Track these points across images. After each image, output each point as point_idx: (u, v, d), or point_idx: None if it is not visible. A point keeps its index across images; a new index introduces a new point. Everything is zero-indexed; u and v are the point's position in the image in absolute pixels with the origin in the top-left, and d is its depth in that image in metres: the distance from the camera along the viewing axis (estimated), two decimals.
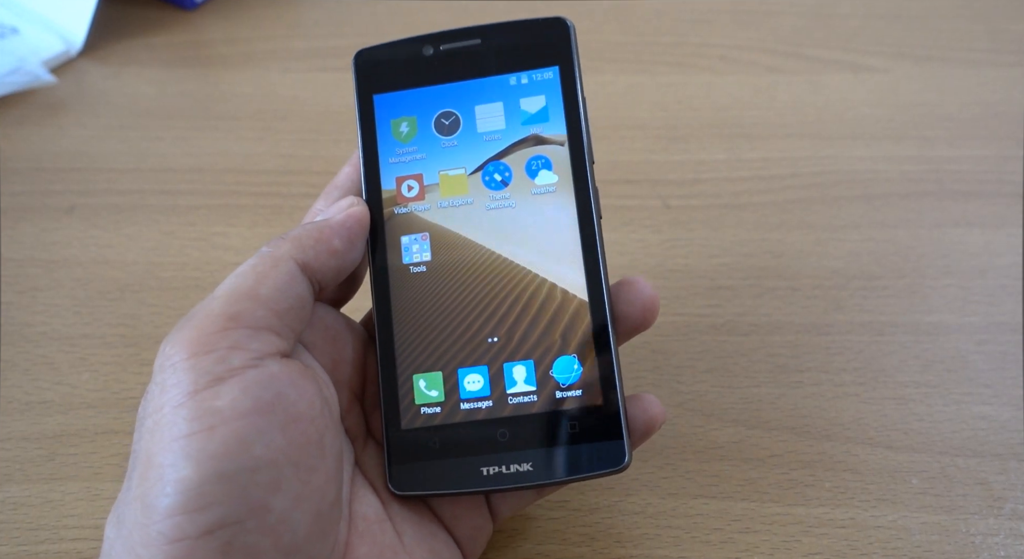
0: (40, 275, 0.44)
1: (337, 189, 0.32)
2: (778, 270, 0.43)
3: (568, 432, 0.29)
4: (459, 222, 0.32)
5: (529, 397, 0.30)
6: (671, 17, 0.57)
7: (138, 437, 0.25)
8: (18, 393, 0.39)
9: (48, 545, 0.34)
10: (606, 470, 0.29)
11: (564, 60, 0.32)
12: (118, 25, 0.57)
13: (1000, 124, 0.49)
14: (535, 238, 0.31)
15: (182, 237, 0.45)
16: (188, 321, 0.26)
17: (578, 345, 0.30)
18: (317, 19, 0.58)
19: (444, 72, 0.32)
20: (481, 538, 0.31)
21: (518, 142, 0.32)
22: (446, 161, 0.32)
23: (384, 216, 0.32)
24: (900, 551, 0.33)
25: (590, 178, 0.31)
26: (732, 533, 0.34)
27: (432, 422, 0.30)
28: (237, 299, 0.26)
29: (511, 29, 0.33)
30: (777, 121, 0.50)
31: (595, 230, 0.31)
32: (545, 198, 0.31)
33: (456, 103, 0.32)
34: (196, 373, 0.24)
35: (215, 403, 0.24)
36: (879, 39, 0.55)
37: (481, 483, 0.29)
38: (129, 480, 0.25)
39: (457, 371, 0.30)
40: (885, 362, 0.39)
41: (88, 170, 0.49)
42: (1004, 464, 0.36)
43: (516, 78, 0.32)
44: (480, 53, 0.33)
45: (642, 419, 0.30)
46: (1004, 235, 0.44)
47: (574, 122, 0.32)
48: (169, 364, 0.25)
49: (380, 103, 0.33)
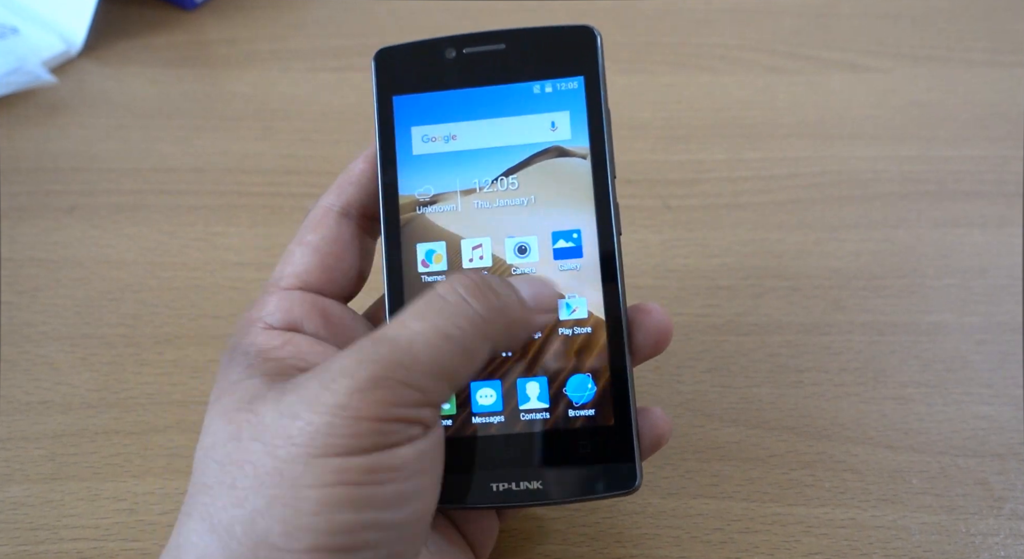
0: (40, 275, 0.44)
1: (351, 185, 0.31)
2: (778, 270, 0.43)
3: (579, 452, 0.29)
4: (477, 231, 0.31)
5: (541, 414, 0.29)
6: (671, 17, 0.57)
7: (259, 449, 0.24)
8: (18, 393, 0.39)
9: (48, 545, 0.34)
10: (616, 492, 0.29)
11: (590, 70, 0.31)
12: (118, 25, 0.57)
13: (1000, 124, 0.49)
14: (553, 252, 0.30)
15: (182, 237, 0.45)
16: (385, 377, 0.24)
17: (593, 364, 0.30)
18: (317, 19, 0.58)
19: (466, 76, 0.32)
20: (490, 539, 0.31)
21: (539, 152, 0.31)
22: (465, 168, 0.31)
23: (401, 221, 0.31)
24: (900, 551, 0.33)
25: (611, 193, 0.31)
26: (732, 533, 0.34)
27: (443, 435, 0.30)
28: (439, 379, 0.25)
29: (537, 35, 0.32)
30: (777, 121, 0.50)
31: (615, 247, 0.30)
32: (565, 211, 0.31)
33: (477, 108, 0.32)
34: (378, 437, 0.24)
35: (391, 462, 0.24)
36: (879, 39, 0.55)
37: (490, 499, 0.29)
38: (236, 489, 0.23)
39: (470, 384, 0.30)
40: (885, 362, 0.39)
41: (88, 170, 0.49)
42: (1004, 464, 0.36)
43: (540, 86, 0.31)
44: (504, 58, 0.32)
45: (650, 436, 0.30)
46: (1004, 235, 0.44)
47: (597, 135, 0.31)
48: (351, 416, 0.23)
49: (399, 105, 0.32)
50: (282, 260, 0.31)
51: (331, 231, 0.30)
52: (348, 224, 0.31)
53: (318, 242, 0.30)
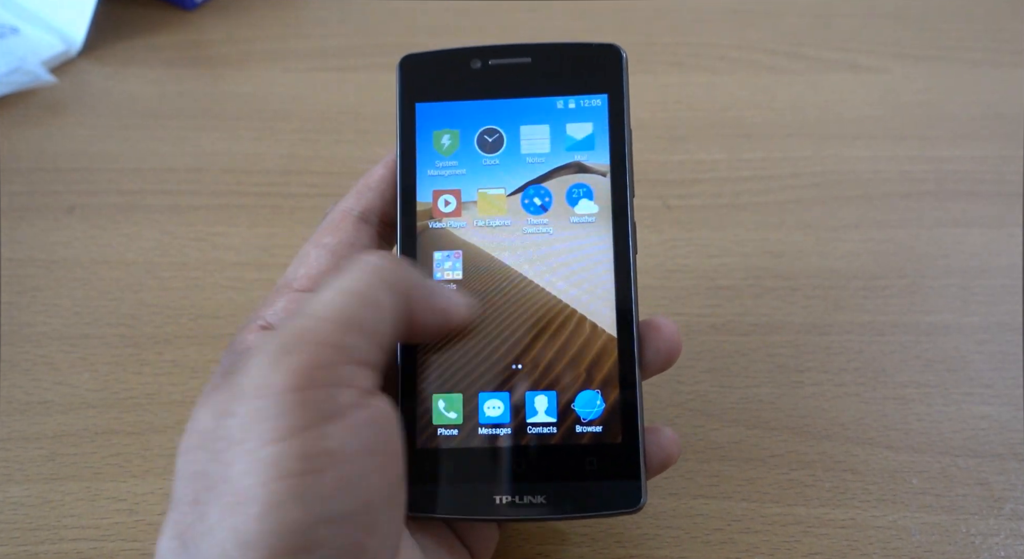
0: (40, 275, 0.44)
1: (371, 190, 0.31)
2: (778, 270, 0.43)
3: (585, 468, 0.29)
4: (494, 243, 0.31)
5: (548, 428, 0.29)
6: (671, 17, 0.57)
7: (207, 457, 0.23)
8: (18, 393, 0.39)
9: (48, 545, 0.34)
10: (620, 510, 0.28)
11: (614, 89, 0.31)
12: (118, 25, 0.57)
13: (1000, 124, 0.49)
14: (569, 267, 0.30)
15: (182, 237, 0.45)
16: (295, 343, 0.24)
17: (603, 381, 0.29)
18: (317, 19, 0.58)
19: (491, 88, 0.32)
20: (490, 545, 0.31)
21: (560, 167, 0.31)
22: (486, 179, 0.31)
23: (418, 229, 0.31)
24: (900, 551, 0.33)
25: (630, 212, 0.30)
26: (732, 533, 0.34)
27: (448, 444, 0.29)
28: (348, 329, 0.25)
29: (563, 51, 0.32)
30: (777, 121, 0.50)
31: (630, 265, 0.30)
32: (583, 228, 0.31)
33: (501, 120, 0.32)
34: (304, 409, 0.23)
35: (326, 444, 0.23)
36: (879, 39, 0.55)
37: (493, 512, 0.28)
38: (199, 504, 0.23)
39: (478, 395, 0.30)
40: (885, 362, 0.39)
41: (88, 170, 0.49)
42: (1004, 464, 0.36)
43: (564, 102, 0.31)
44: (529, 72, 0.32)
45: (658, 457, 0.29)
46: (1004, 235, 0.44)
47: (618, 153, 0.31)
48: (272, 392, 0.23)
49: (422, 112, 0.32)
50: (296, 261, 0.30)
51: (348, 235, 0.30)
52: (366, 229, 0.31)
53: (335, 245, 0.30)
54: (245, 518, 0.22)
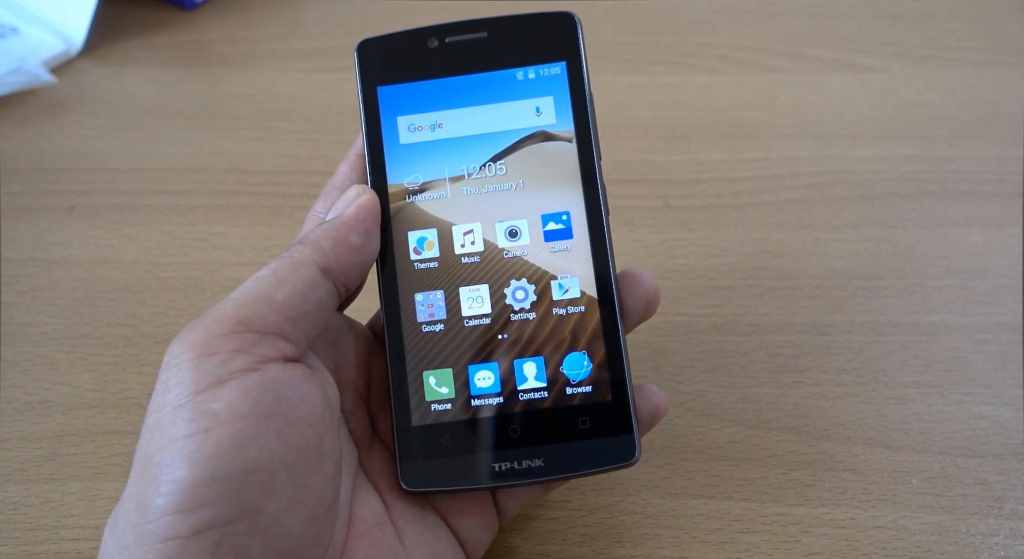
0: (40, 275, 0.44)
1: (336, 190, 0.32)
2: (778, 270, 0.43)
3: (579, 428, 0.30)
4: (467, 217, 0.31)
5: (540, 393, 0.30)
6: (671, 17, 0.57)
7: (142, 436, 0.25)
8: (18, 393, 0.39)
9: (48, 545, 0.34)
10: (617, 464, 0.29)
11: (571, 55, 0.32)
12: (118, 25, 0.57)
13: (1000, 124, 0.49)
14: (544, 234, 0.31)
15: (182, 237, 0.45)
16: (199, 322, 0.26)
17: (588, 342, 0.30)
18: (317, 19, 0.58)
19: (449, 65, 0.32)
20: (486, 537, 0.31)
21: (525, 138, 0.32)
22: (452, 155, 0.32)
23: (391, 211, 0.31)
24: (900, 551, 0.33)
25: (598, 175, 0.31)
26: (732, 533, 0.34)
27: (443, 419, 0.30)
28: (250, 303, 0.26)
29: (518, 23, 0.32)
30: (777, 121, 0.50)
31: (604, 227, 0.31)
32: (554, 193, 0.31)
33: (462, 96, 0.32)
34: (198, 374, 0.25)
35: (213, 405, 0.24)
36: (879, 39, 0.55)
37: (492, 479, 0.29)
38: (132, 475, 0.25)
39: (467, 368, 0.30)
40: (885, 362, 0.39)
41: (88, 170, 0.49)
42: (1004, 464, 0.36)
43: (523, 73, 0.32)
44: (486, 46, 0.32)
45: (647, 410, 0.30)
46: (1004, 235, 0.44)
47: (582, 118, 0.32)
48: (175, 363, 0.25)
49: (384, 95, 0.32)
50: None
51: None
52: None
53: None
54: (145, 483, 0.24)
